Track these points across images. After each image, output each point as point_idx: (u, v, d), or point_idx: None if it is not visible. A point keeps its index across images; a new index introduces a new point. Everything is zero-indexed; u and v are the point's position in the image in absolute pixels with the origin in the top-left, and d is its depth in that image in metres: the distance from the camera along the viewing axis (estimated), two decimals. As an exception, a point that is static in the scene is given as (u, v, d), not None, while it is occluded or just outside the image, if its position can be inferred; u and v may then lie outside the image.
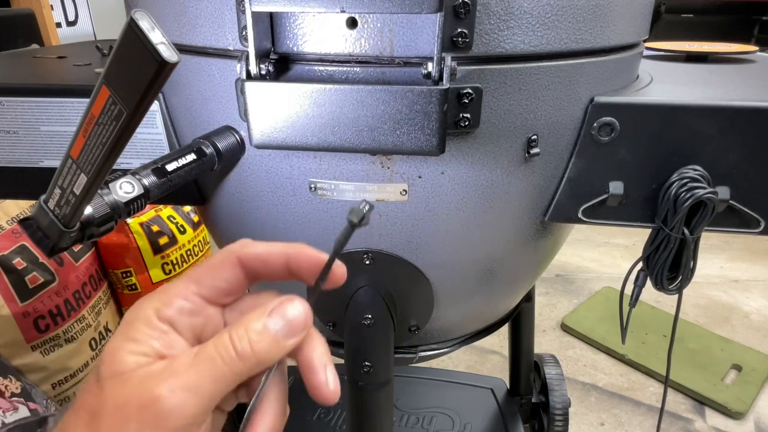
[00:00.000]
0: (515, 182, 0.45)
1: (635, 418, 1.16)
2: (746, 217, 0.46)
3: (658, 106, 0.43)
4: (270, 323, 0.25)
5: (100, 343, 1.19)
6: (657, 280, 0.49)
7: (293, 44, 0.39)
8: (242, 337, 0.25)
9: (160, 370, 0.24)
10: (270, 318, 0.26)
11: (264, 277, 0.28)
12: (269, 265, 0.28)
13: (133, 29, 0.21)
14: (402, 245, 0.47)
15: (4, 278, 0.99)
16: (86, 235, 0.33)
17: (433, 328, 0.57)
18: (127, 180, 0.36)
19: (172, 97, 0.48)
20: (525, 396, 0.95)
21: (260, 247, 0.28)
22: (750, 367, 1.28)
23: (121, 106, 0.23)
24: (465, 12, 0.36)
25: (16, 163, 0.53)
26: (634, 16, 0.45)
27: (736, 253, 1.84)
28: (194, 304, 0.27)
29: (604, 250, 1.87)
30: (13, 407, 0.90)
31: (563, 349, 1.38)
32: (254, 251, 0.28)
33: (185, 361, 0.24)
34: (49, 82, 0.52)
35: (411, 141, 0.37)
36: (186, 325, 0.26)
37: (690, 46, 0.73)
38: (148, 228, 1.22)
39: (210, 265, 0.28)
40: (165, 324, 0.26)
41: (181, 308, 0.26)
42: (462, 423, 0.90)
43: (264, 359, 0.25)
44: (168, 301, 0.26)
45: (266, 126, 0.38)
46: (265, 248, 0.28)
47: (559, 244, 0.59)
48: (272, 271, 0.28)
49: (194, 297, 0.27)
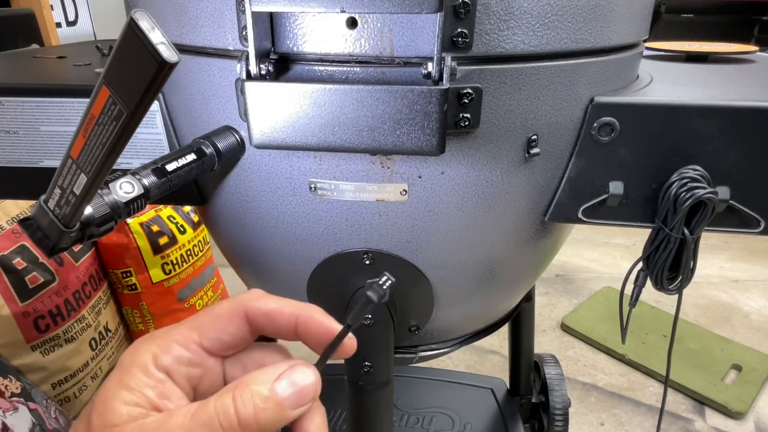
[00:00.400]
0: (515, 182, 0.45)
1: (635, 418, 1.16)
2: (746, 217, 0.46)
3: (658, 106, 0.44)
4: (278, 389, 0.23)
5: (100, 343, 1.19)
6: (657, 280, 0.49)
7: (293, 44, 0.39)
8: (247, 402, 0.23)
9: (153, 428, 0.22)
10: (278, 383, 0.24)
11: (269, 333, 0.27)
12: (277, 325, 0.27)
13: (133, 29, 0.21)
14: (402, 245, 0.47)
15: (4, 278, 0.99)
16: (86, 235, 0.33)
17: (433, 328, 0.57)
18: (127, 180, 0.36)
19: (172, 97, 0.48)
20: (525, 396, 0.95)
21: (271, 303, 0.27)
22: (750, 367, 1.28)
23: (121, 106, 0.23)
24: (465, 12, 0.36)
25: (16, 163, 0.53)
26: (634, 16, 0.45)
27: (736, 253, 1.84)
28: (194, 354, 0.25)
29: (604, 250, 1.87)
30: (13, 407, 0.90)
31: (563, 349, 1.38)
32: (264, 308, 0.26)
33: (180, 420, 0.22)
34: (49, 82, 0.52)
35: (411, 141, 0.37)
36: (183, 374, 0.25)
37: (690, 46, 0.73)
38: (148, 228, 1.22)
39: (215, 315, 0.26)
40: (162, 372, 0.24)
41: (180, 357, 0.25)
42: (462, 423, 0.90)
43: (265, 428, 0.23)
44: (167, 348, 0.25)
45: (266, 126, 0.38)
46: (275, 306, 0.27)
47: (559, 244, 0.59)
48: (279, 330, 0.27)
49: (194, 347, 0.25)
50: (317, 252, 0.49)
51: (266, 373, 0.24)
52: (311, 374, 0.24)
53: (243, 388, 0.23)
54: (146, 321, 1.28)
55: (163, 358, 0.24)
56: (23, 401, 0.93)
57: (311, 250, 0.49)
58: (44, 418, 0.95)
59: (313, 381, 0.24)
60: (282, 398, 0.23)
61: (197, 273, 1.36)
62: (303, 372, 0.24)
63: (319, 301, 0.54)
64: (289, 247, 0.50)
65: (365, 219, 0.46)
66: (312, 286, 0.52)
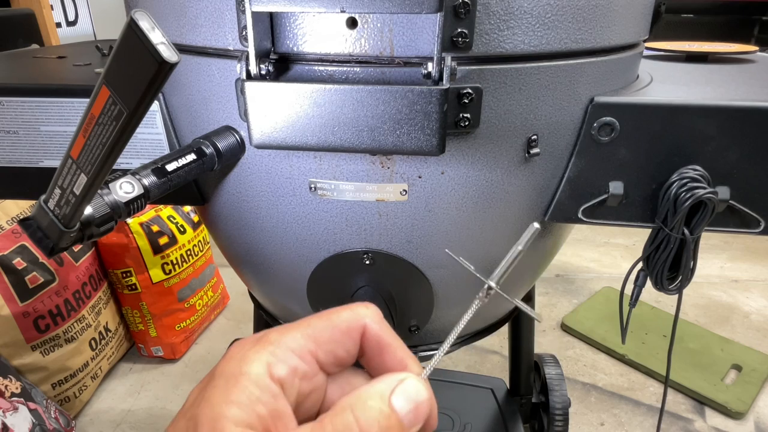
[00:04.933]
0: (515, 182, 0.45)
1: (635, 418, 1.16)
2: (746, 217, 0.46)
3: (658, 106, 0.43)
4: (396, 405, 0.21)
5: (99, 343, 1.19)
6: (657, 280, 0.49)
7: (293, 44, 0.39)
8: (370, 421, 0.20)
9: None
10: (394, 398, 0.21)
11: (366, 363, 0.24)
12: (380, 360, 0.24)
13: (133, 29, 0.21)
14: (402, 245, 0.47)
15: (4, 278, 0.99)
16: (86, 235, 0.33)
17: (433, 328, 0.57)
18: (127, 180, 0.36)
19: (172, 97, 0.48)
20: (525, 396, 0.95)
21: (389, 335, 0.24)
22: (750, 367, 1.28)
23: (121, 106, 0.23)
24: (465, 12, 0.36)
25: (16, 163, 0.53)
26: (634, 16, 0.45)
27: (736, 253, 1.84)
28: (310, 366, 0.22)
29: (604, 250, 1.87)
30: (13, 407, 0.90)
31: (563, 349, 1.38)
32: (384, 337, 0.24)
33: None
34: (49, 82, 0.52)
35: (411, 141, 0.37)
36: (295, 390, 0.21)
37: (690, 46, 0.73)
38: (148, 228, 1.22)
39: (334, 326, 0.23)
40: (277, 385, 0.21)
41: (296, 369, 0.21)
42: (462, 423, 0.90)
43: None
44: (283, 357, 0.21)
45: (266, 126, 0.38)
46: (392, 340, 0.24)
47: (559, 244, 0.59)
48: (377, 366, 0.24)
49: (310, 358, 0.22)
50: (317, 252, 0.49)
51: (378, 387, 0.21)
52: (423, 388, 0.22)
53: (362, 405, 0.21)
54: (146, 321, 1.28)
55: (279, 368, 0.21)
56: (23, 401, 0.93)
57: (311, 250, 0.49)
58: (44, 418, 0.95)
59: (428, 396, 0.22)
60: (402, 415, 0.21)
61: (197, 273, 1.36)
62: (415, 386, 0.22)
63: (319, 302, 0.54)
64: (289, 247, 0.50)
65: (365, 219, 0.46)
66: (312, 286, 0.52)
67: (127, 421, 1.15)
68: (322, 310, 0.24)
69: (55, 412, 1.01)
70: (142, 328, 1.29)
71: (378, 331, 0.23)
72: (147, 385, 1.26)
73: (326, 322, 0.23)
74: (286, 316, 0.63)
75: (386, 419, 0.20)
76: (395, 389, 0.21)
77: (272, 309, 0.65)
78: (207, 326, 1.45)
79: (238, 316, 1.51)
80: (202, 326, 1.42)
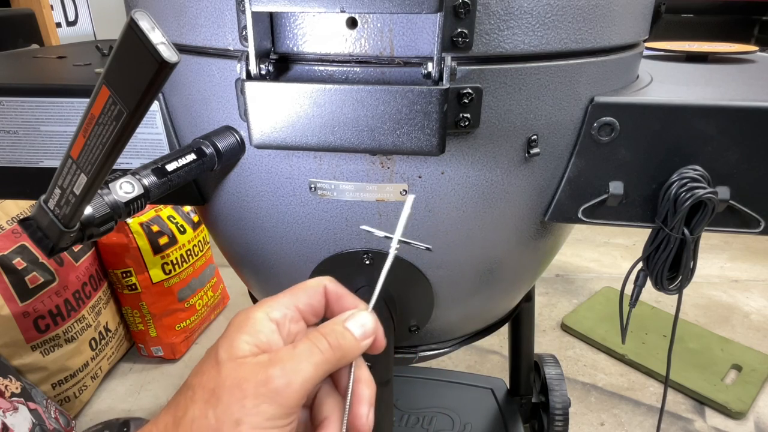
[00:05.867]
0: (515, 182, 0.45)
1: (635, 418, 1.16)
2: (746, 217, 0.46)
3: (658, 106, 0.44)
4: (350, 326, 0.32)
5: (99, 343, 1.19)
6: (657, 280, 0.49)
7: (293, 44, 0.39)
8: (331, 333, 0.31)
9: (269, 358, 0.29)
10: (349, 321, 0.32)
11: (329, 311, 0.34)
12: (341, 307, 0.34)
13: (133, 29, 0.21)
14: (402, 245, 0.47)
15: (4, 278, 0.99)
16: (86, 235, 0.33)
17: (433, 328, 0.57)
18: (127, 180, 0.36)
19: (172, 97, 0.48)
20: (525, 396, 0.95)
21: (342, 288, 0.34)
22: (750, 367, 1.28)
23: (121, 106, 0.23)
24: (465, 12, 0.36)
25: (16, 163, 0.53)
26: (634, 16, 0.45)
27: (736, 253, 1.84)
28: (295, 314, 0.32)
29: (604, 250, 1.87)
30: (13, 407, 0.90)
31: (563, 349, 1.38)
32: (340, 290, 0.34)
33: (288, 351, 0.29)
34: (49, 82, 0.52)
35: (411, 141, 0.37)
36: (286, 330, 0.31)
37: (690, 46, 0.73)
38: (148, 228, 1.22)
39: (306, 288, 0.33)
40: (274, 324, 0.31)
41: (285, 314, 0.31)
42: (462, 423, 0.90)
43: (347, 353, 0.31)
44: (276, 307, 0.31)
45: (266, 126, 0.38)
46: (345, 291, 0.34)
47: (559, 244, 0.59)
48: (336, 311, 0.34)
49: (294, 308, 0.32)
50: (317, 252, 0.49)
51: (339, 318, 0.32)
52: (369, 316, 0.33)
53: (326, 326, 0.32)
54: (146, 321, 1.28)
55: (275, 313, 0.31)
56: (23, 401, 0.93)
57: (311, 250, 0.49)
58: (44, 418, 0.95)
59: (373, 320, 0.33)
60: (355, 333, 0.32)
61: (197, 273, 1.36)
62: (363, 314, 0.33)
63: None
64: (289, 247, 0.50)
65: (365, 219, 0.46)
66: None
67: (127, 421, 1.15)
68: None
69: (55, 412, 1.01)
70: (142, 328, 1.29)
71: (335, 287, 0.34)
72: (147, 385, 1.26)
73: (301, 287, 0.33)
74: (286, 316, 0.63)
75: (343, 336, 0.31)
76: (348, 318, 0.32)
77: (272, 309, 0.65)
78: (207, 326, 1.45)
79: (238, 316, 1.51)
80: (202, 326, 1.42)
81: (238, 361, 0.29)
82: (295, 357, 0.29)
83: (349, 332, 0.31)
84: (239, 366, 0.28)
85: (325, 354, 0.30)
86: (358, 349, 0.32)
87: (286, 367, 0.28)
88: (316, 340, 0.30)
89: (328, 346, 0.30)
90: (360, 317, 0.32)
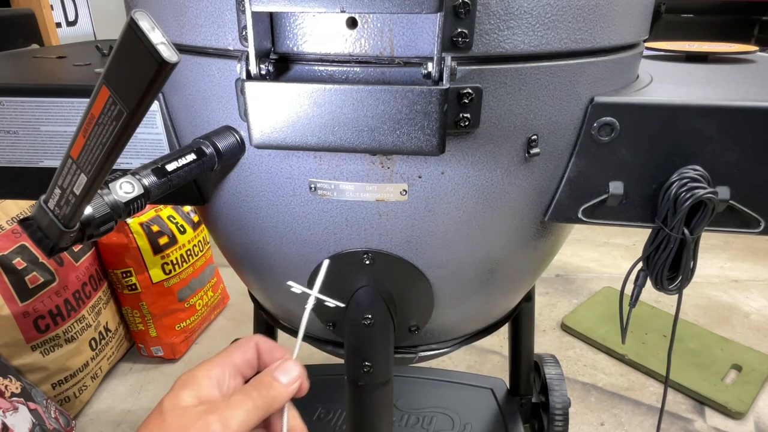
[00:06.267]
0: (515, 182, 0.45)
1: (635, 418, 1.16)
2: (746, 217, 0.46)
3: (658, 106, 0.44)
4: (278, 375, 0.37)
5: (99, 343, 1.19)
6: (657, 280, 0.49)
7: (293, 44, 0.39)
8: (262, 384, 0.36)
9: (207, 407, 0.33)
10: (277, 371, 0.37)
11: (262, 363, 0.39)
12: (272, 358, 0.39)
13: (133, 29, 0.21)
14: (402, 245, 0.47)
15: (4, 278, 0.99)
16: (86, 235, 0.33)
17: (433, 328, 0.57)
18: (127, 180, 0.36)
19: (172, 97, 0.48)
20: (525, 396, 0.95)
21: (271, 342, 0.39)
22: (750, 367, 1.28)
23: (121, 106, 0.23)
24: (465, 12, 0.36)
25: (16, 163, 0.53)
26: (634, 16, 0.45)
27: (736, 253, 1.84)
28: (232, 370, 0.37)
29: (604, 250, 1.87)
30: (13, 407, 0.90)
31: (563, 349, 1.38)
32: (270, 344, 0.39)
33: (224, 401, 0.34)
34: (49, 82, 0.52)
35: (411, 141, 0.37)
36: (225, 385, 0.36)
37: (690, 46, 0.73)
38: (148, 228, 1.22)
39: (240, 345, 0.38)
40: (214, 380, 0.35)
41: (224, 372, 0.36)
42: (462, 423, 0.90)
43: (276, 399, 0.36)
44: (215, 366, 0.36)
45: (266, 126, 0.38)
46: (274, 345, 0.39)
47: (559, 244, 0.59)
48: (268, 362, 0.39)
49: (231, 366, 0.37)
50: (317, 252, 0.49)
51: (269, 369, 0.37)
52: (294, 365, 0.38)
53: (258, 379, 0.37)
54: (146, 321, 1.28)
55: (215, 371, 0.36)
56: (23, 401, 0.93)
57: (311, 250, 0.49)
58: (44, 418, 0.95)
59: (298, 368, 0.38)
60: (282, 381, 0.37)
61: (197, 273, 1.36)
62: (289, 364, 0.38)
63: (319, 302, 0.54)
64: (289, 247, 0.50)
65: (365, 219, 0.46)
66: (312, 286, 0.52)
67: (127, 421, 1.15)
68: (323, 310, 0.34)
69: (55, 412, 1.01)
70: (142, 328, 1.29)
71: (265, 342, 0.39)
72: (147, 385, 1.26)
73: (236, 346, 0.38)
74: (285, 316, 0.63)
75: (271, 385, 0.36)
76: (276, 368, 0.37)
77: (272, 309, 0.65)
78: (207, 326, 1.45)
79: (238, 316, 1.51)
80: (202, 326, 1.42)
81: (181, 410, 0.33)
82: (230, 406, 0.33)
83: (277, 381, 0.36)
84: (182, 415, 0.32)
85: (256, 401, 0.34)
86: (287, 394, 0.36)
87: (223, 415, 0.32)
88: (248, 390, 0.35)
89: (258, 395, 0.35)
90: (286, 366, 0.37)
